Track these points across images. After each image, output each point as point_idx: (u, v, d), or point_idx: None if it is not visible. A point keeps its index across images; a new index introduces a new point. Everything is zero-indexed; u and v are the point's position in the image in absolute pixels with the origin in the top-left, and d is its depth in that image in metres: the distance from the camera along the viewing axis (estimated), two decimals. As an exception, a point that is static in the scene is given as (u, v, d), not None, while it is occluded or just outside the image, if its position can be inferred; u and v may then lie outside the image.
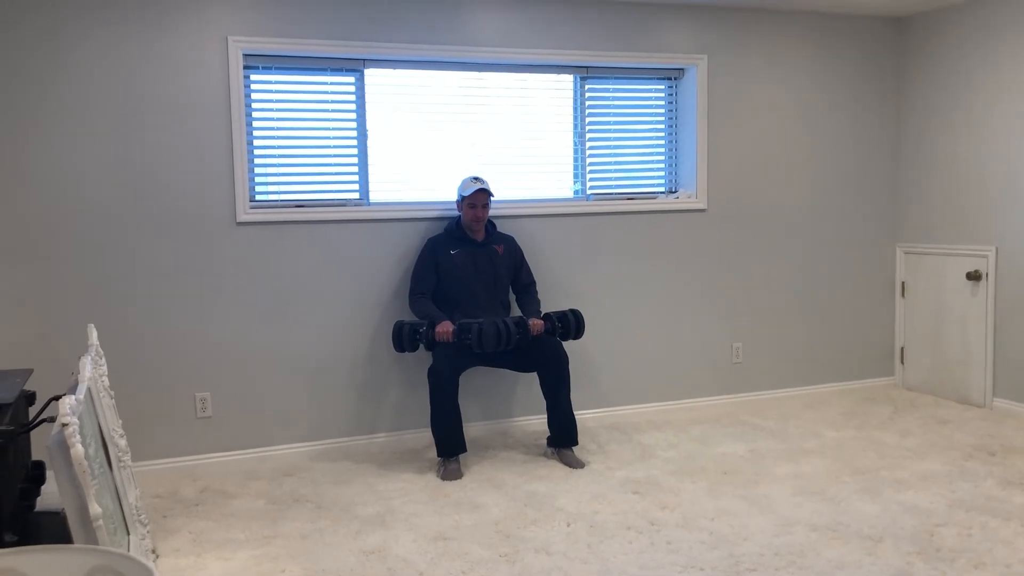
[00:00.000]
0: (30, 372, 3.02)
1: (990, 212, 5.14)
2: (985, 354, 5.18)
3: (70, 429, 2.23)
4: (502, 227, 4.72)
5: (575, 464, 4.31)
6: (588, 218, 5.02)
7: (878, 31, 5.58)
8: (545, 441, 4.54)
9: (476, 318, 4.28)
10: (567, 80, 5.04)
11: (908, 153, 5.66)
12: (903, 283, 5.74)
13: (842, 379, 5.68)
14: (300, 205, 4.53)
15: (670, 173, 5.34)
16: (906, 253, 5.70)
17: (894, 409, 5.26)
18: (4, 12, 3.90)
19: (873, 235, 5.70)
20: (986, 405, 5.19)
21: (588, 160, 5.11)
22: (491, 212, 4.57)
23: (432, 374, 4.27)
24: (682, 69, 5.23)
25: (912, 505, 3.68)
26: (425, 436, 4.61)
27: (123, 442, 3.19)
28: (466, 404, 4.57)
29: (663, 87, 5.28)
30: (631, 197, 5.20)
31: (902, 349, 5.77)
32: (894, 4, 5.24)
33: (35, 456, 3.06)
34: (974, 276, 5.22)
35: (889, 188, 5.72)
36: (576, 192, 5.13)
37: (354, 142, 4.63)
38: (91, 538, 2.28)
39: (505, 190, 4.86)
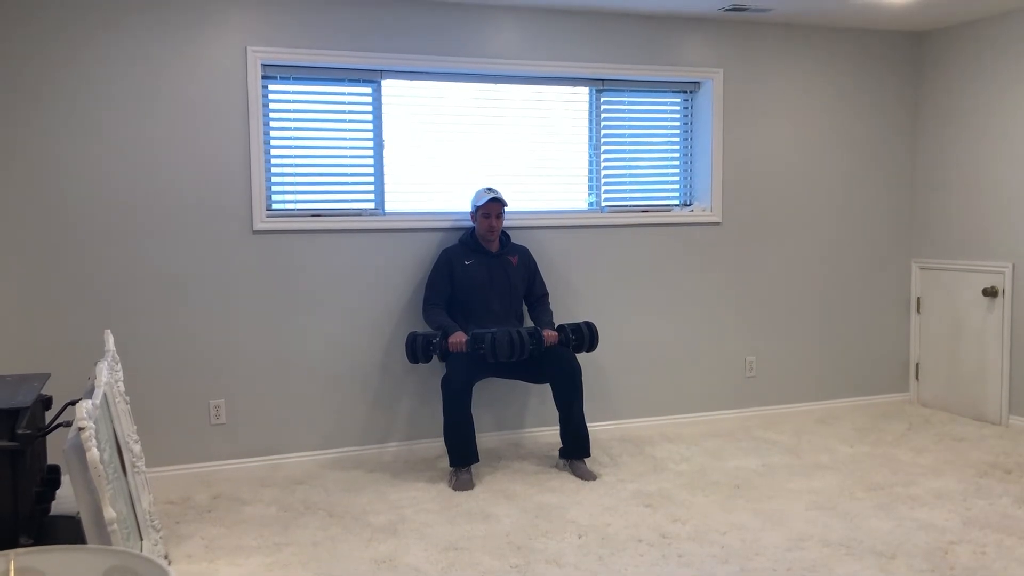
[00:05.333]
0: (47, 377, 3.04)
1: (1007, 228, 5.12)
2: (1001, 371, 5.15)
3: (86, 433, 2.25)
4: (516, 238, 4.74)
5: (587, 476, 4.30)
6: (603, 230, 5.02)
7: (895, 46, 5.57)
8: (557, 453, 4.54)
9: (490, 328, 4.29)
10: (583, 92, 5.06)
11: (925, 168, 5.64)
12: (919, 299, 5.71)
13: (856, 394, 5.65)
14: (316, 214, 4.56)
15: (685, 186, 5.34)
16: (922, 268, 5.67)
17: (909, 425, 5.23)
18: (27, 17, 3.95)
19: (889, 250, 5.68)
20: (1002, 422, 5.15)
21: (603, 172, 5.12)
22: (505, 223, 4.58)
23: (446, 384, 4.28)
24: (698, 83, 5.24)
25: (926, 522, 3.66)
26: (437, 446, 4.61)
27: (138, 447, 3.21)
28: (479, 415, 4.57)
29: (679, 100, 5.29)
30: (646, 210, 5.20)
31: (917, 365, 5.74)
32: (911, 19, 5.23)
33: (51, 460, 3.08)
34: (990, 292, 5.19)
35: (905, 203, 5.70)
36: (591, 204, 5.13)
37: (370, 152, 4.66)
38: (105, 542, 2.29)
39: (520, 201, 4.87)
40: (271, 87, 4.46)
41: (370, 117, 4.65)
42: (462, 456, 4.25)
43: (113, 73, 4.09)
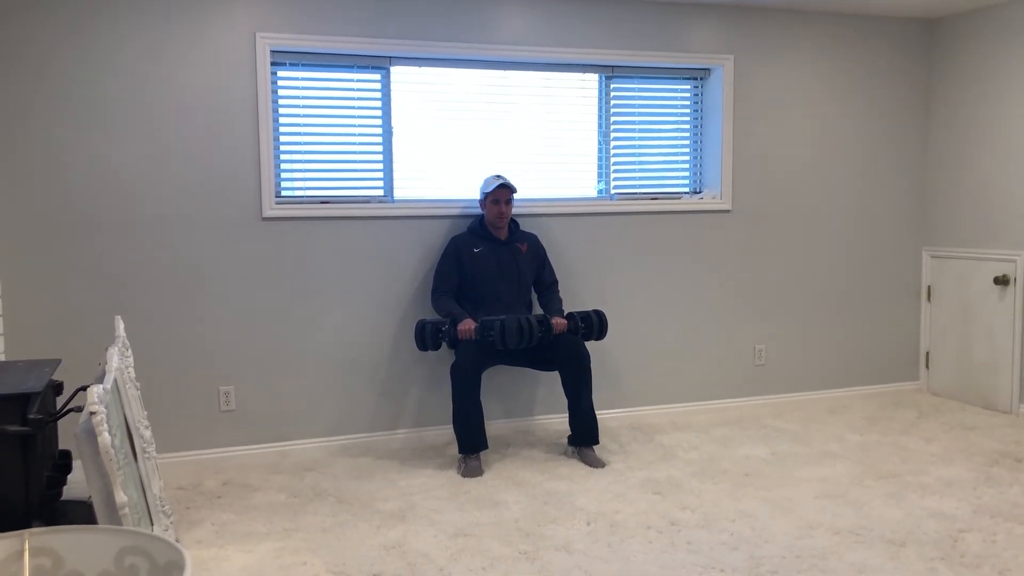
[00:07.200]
0: (58, 362, 3.06)
1: (1019, 216, 5.08)
2: (1012, 360, 5.12)
3: (98, 417, 2.26)
4: (525, 226, 4.73)
5: (596, 463, 4.30)
6: (612, 218, 5.01)
7: (907, 32, 5.53)
8: (566, 440, 4.54)
9: (499, 316, 4.28)
10: (592, 79, 5.04)
11: (936, 155, 5.61)
12: (929, 287, 5.68)
13: (866, 383, 5.64)
14: (325, 201, 4.55)
15: (695, 173, 5.32)
16: (932, 256, 5.64)
17: (919, 414, 5.22)
18: (35, 7, 3.95)
19: (899, 238, 5.65)
20: (1012, 411, 5.13)
21: (612, 160, 5.10)
22: (514, 210, 4.57)
23: (455, 371, 4.28)
24: (708, 69, 5.21)
25: (936, 510, 3.65)
26: (446, 433, 4.62)
27: (148, 433, 3.22)
28: (488, 402, 4.58)
29: (689, 87, 5.27)
30: (655, 197, 5.18)
31: (927, 354, 5.72)
32: (924, 5, 5.19)
33: (62, 445, 3.10)
34: (1002, 280, 5.16)
35: (916, 191, 5.67)
36: (600, 192, 5.12)
37: (379, 139, 4.65)
38: (116, 525, 2.30)
39: (529, 189, 4.86)
40: (280, 73, 4.45)
41: (379, 104, 4.64)
42: (471, 443, 4.26)
43: (120, 60, 4.09)
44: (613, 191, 5.11)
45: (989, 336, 5.27)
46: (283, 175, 4.52)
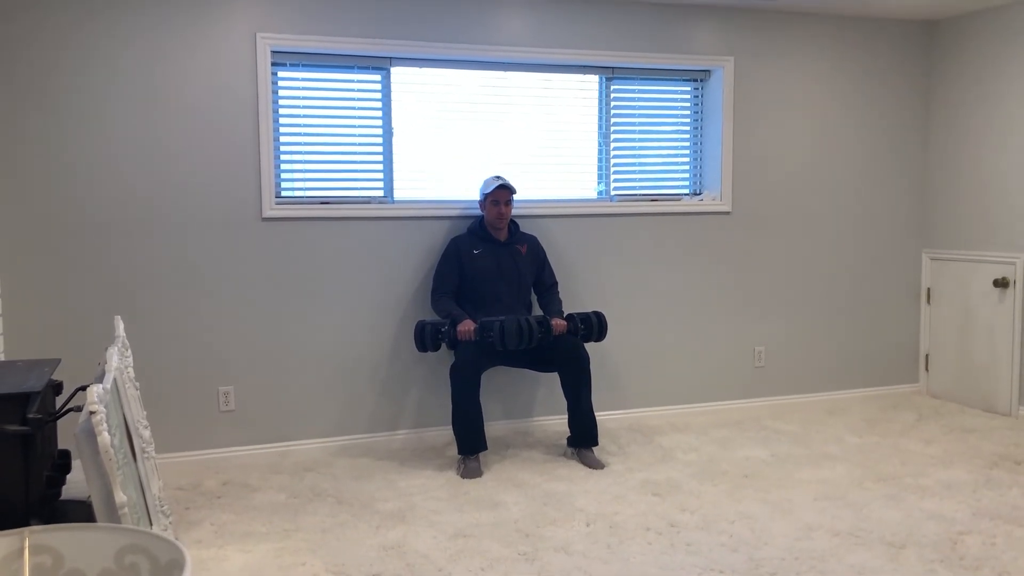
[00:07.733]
0: (57, 362, 3.05)
1: (1019, 218, 5.09)
2: (1012, 362, 5.12)
3: (98, 417, 2.26)
4: (525, 227, 4.73)
5: (595, 465, 4.30)
6: (612, 219, 5.01)
7: (907, 35, 5.53)
8: (565, 441, 4.54)
9: (498, 317, 4.28)
10: (592, 80, 5.04)
11: (936, 158, 5.61)
12: (929, 289, 5.68)
13: (866, 385, 5.63)
14: (325, 202, 4.55)
15: (695, 175, 5.32)
16: (932, 259, 5.64)
17: (918, 416, 5.21)
18: (34, 6, 3.95)
19: (899, 240, 5.66)
20: (1012, 414, 5.13)
21: (612, 161, 5.10)
22: (514, 211, 4.57)
23: (454, 372, 4.28)
24: (708, 71, 5.21)
25: (936, 513, 3.65)
26: (446, 434, 4.62)
27: (147, 433, 3.21)
28: (488, 403, 4.57)
29: (689, 88, 5.27)
30: (655, 199, 5.18)
31: (927, 356, 5.72)
32: (923, 8, 5.19)
33: (61, 445, 3.10)
34: (1002, 283, 5.16)
35: (916, 193, 5.67)
36: (600, 193, 5.12)
37: (379, 140, 4.65)
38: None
39: (529, 190, 4.87)
40: (280, 74, 4.45)
41: (379, 104, 4.64)
42: (471, 444, 4.26)
43: (120, 60, 4.09)
44: (613, 192, 5.11)
45: (989, 338, 5.27)
46: (283, 175, 4.52)
